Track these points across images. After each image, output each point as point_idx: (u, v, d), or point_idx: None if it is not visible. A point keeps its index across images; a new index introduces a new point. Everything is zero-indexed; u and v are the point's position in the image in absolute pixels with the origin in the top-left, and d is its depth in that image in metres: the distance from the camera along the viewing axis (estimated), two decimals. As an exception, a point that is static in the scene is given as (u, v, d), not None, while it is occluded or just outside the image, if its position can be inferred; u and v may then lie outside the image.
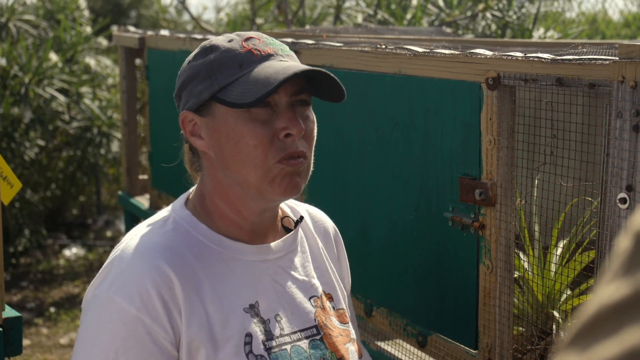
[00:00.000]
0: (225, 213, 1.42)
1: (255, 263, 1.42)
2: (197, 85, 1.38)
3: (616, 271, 0.48)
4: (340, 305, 1.55)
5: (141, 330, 1.28)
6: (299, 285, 1.47)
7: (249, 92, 1.32)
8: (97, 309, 1.32)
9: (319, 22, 6.34)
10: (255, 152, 1.34)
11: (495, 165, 1.85)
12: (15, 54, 5.92)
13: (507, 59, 1.80)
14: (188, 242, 1.37)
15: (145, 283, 1.30)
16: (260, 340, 1.36)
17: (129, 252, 1.35)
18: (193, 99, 1.39)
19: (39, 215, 6.58)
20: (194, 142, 1.41)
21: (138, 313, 1.28)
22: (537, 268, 1.97)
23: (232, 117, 1.35)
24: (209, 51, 1.40)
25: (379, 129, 2.22)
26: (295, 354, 1.39)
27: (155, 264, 1.31)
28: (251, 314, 1.37)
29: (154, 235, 1.38)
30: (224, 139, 1.36)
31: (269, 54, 1.38)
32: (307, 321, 1.44)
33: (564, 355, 0.48)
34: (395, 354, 2.28)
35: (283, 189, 1.36)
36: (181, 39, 3.54)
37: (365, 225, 2.32)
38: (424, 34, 4.00)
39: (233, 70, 1.36)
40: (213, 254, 1.39)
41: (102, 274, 1.36)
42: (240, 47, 1.38)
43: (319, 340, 1.44)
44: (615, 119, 1.56)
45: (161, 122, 4.01)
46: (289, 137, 1.35)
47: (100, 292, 1.33)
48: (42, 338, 5.09)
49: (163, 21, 8.69)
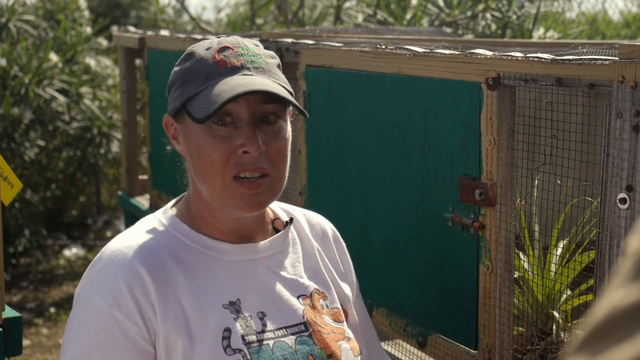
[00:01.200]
0: (204, 216, 1.45)
1: (239, 262, 1.44)
2: (175, 91, 1.43)
3: (627, 275, 0.47)
4: (335, 304, 1.55)
5: (114, 326, 1.33)
6: (287, 284, 1.48)
7: (204, 107, 1.33)
8: (77, 307, 1.39)
9: (319, 22, 6.34)
10: (213, 167, 1.36)
11: (495, 166, 1.85)
12: (15, 55, 5.92)
13: (507, 59, 1.80)
14: (166, 242, 1.41)
15: (118, 281, 1.35)
16: (239, 335, 1.37)
17: (107, 253, 1.40)
18: (172, 104, 1.44)
19: (39, 216, 6.58)
20: (175, 145, 1.46)
21: (111, 310, 1.33)
22: (537, 268, 1.97)
23: (197, 129, 1.38)
24: (187, 58, 1.42)
25: (378, 129, 2.22)
26: (278, 349, 1.40)
27: (129, 263, 1.36)
28: (231, 310, 1.39)
29: (132, 236, 1.43)
30: (193, 147, 1.40)
31: (235, 66, 1.37)
32: (293, 318, 1.45)
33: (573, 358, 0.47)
34: (395, 354, 2.28)
35: (243, 206, 1.38)
36: (181, 39, 3.54)
37: (365, 225, 2.32)
38: (424, 34, 4.00)
39: (200, 82, 1.37)
40: (193, 253, 1.42)
41: (84, 276, 1.43)
42: (212, 57, 1.38)
43: (307, 337, 1.45)
44: (615, 119, 1.56)
45: (161, 122, 4.00)
46: (246, 155, 1.36)
47: (81, 291, 1.40)
48: (42, 338, 5.09)
49: (162, 22, 8.68)
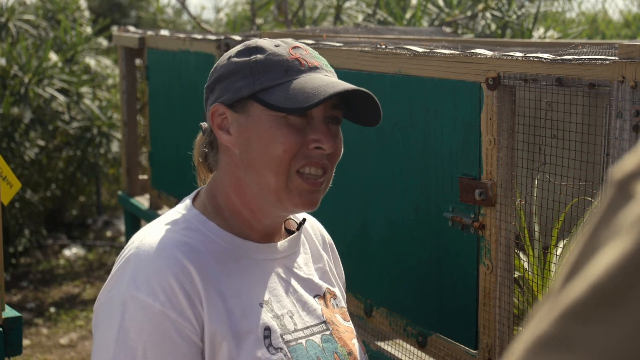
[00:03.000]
0: (239, 211, 1.43)
1: (264, 261, 1.44)
2: (237, 82, 1.39)
3: (598, 220, 0.50)
4: (342, 304, 1.58)
5: (167, 325, 1.28)
6: (304, 284, 1.49)
7: (295, 98, 1.33)
8: (117, 308, 1.30)
9: (319, 22, 6.34)
10: (282, 157, 1.35)
11: (495, 165, 1.85)
12: (15, 54, 5.92)
13: (507, 59, 1.80)
14: (202, 240, 1.38)
15: (168, 277, 1.29)
16: (278, 334, 1.37)
17: (146, 249, 1.33)
18: (229, 93, 1.39)
19: (39, 216, 6.58)
20: (220, 135, 1.41)
21: (163, 308, 1.27)
22: (537, 268, 1.97)
23: (268, 119, 1.36)
24: (254, 51, 1.40)
25: (379, 129, 2.22)
26: (311, 348, 1.41)
27: (175, 258, 1.31)
28: (267, 309, 1.39)
29: (168, 232, 1.37)
30: (255, 138, 1.37)
31: (315, 66, 1.40)
32: (316, 317, 1.46)
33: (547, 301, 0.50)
34: (395, 354, 2.28)
35: (301, 202, 1.38)
36: (181, 39, 3.54)
37: (365, 225, 2.32)
38: (424, 34, 4.00)
39: (278, 74, 1.37)
40: (225, 252, 1.39)
41: (115, 275, 1.34)
42: (288, 53, 1.39)
43: (329, 335, 1.46)
44: (615, 119, 1.56)
45: (161, 122, 4.01)
46: (318, 150, 1.37)
47: (118, 292, 1.31)
48: (42, 338, 5.09)
49: (161, 22, 8.68)
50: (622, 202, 0.48)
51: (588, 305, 0.46)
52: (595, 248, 0.48)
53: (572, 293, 0.47)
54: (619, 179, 0.50)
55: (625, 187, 0.49)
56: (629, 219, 0.47)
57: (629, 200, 0.48)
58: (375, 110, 1.41)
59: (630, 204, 0.48)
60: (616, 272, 0.45)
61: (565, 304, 0.47)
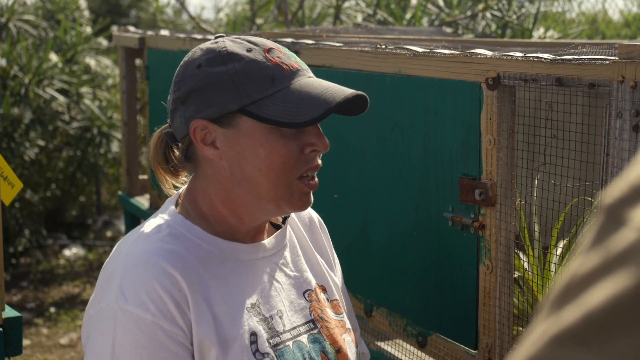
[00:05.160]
0: (224, 217, 1.42)
1: (252, 262, 1.43)
2: (219, 95, 1.33)
3: (589, 245, 0.50)
4: (334, 296, 1.56)
5: (161, 335, 1.27)
6: (293, 281, 1.48)
7: (295, 111, 1.31)
8: (108, 321, 1.28)
9: (319, 22, 6.33)
10: (282, 168, 1.34)
11: (495, 165, 1.85)
12: (15, 54, 5.92)
13: (507, 59, 1.80)
14: (187, 245, 1.36)
15: (155, 287, 1.28)
16: (264, 339, 1.37)
17: (131, 260, 1.31)
18: (212, 108, 1.34)
19: (39, 216, 6.58)
20: (206, 150, 1.37)
21: (154, 319, 1.27)
22: (537, 268, 1.97)
23: (262, 132, 1.34)
24: (228, 59, 1.35)
25: (378, 129, 2.22)
26: (297, 349, 1.40)
27: (161, 267, 1.30)
28: (253, 313, 1.38)
29: (152, 241, 1.35)
30: (249, 152, 1.34)
31: (297, 69, 1.37)
32: (304, 316, 1.46)
33: (538, 324, 0.50)
34: (395, 354, 2.28)
35: (302, 204, 1.39)
36: (181, 39, 3.54)
37: (365, 225, 2.32)
38: (424, 34, 3.99)
39: (265, 85, 1.32)
40: (211, 256, 1.38)
41: (102, 288, 1.33)
42: (266, 59, 1.34)
43: (317, 334, 1.45)
44: (615, 119, 1.56)
45: (161, 122, 4.00)
46: (314, 153, 1.37)
47: (107, 305, 1.29)
48: (42, 338, 5.09)
49: (161, 22, 8.68)
50: (612, 229, 0.49)
51: (581, 333, 0.46)
52: (589, 276, 0.48)
53: (565, 319, 0.47)
54: (608, 205, 0.50)
55: (615, 214, 0.49)
56: (622, 247, 0.47)
57: (620, 226, 0.48)
58: (360, 100, 1.39)
59: (620, 231, 0.48)
60: (614, 307, 0.46)
61: (557, 329, 0.47)
